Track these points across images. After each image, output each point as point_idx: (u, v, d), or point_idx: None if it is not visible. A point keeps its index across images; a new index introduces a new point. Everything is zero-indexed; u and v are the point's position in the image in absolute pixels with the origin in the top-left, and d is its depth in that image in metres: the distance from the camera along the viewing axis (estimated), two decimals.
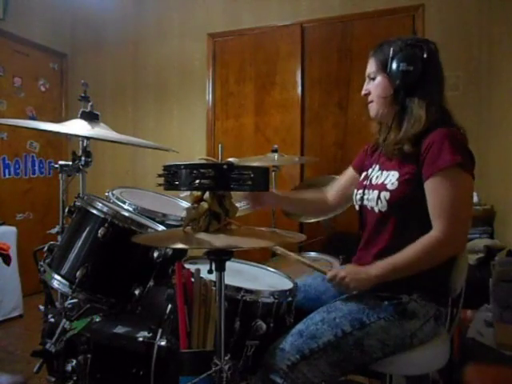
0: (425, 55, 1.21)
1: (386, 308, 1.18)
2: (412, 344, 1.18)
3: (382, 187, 1.24)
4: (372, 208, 1.28)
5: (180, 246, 1.03)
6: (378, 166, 1.33)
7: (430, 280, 1.19)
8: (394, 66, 1.23)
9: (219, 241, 0.96)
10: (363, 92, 1.35)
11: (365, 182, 1.34)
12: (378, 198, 1.24)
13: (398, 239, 1.21)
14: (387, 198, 1.22)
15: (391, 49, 1.24)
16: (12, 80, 3.58)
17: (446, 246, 1.14)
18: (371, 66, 1.32)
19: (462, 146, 1.16)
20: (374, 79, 1.31)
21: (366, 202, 1.32)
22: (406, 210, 1.21)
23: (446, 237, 1.12)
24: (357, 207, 1.39)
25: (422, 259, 1.14)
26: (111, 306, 1.32)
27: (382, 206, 1.23)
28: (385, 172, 1.27)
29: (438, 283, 1.23)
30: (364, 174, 1.39)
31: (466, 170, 1.14)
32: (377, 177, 1.30)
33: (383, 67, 1.27)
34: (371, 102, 1.33)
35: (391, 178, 1.23)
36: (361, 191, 1.35)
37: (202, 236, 0.98)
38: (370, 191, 1.29)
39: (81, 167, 1.67)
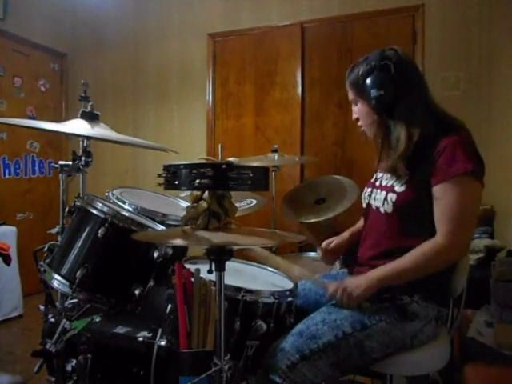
0: (392, 71, 1.19)
1: (387, 309, 1.17)
2: (412, 345, 1.18)
3: (390, 189, 1.24)
4: (378, 208, 1.28)
5: (179, 242, 1.03)
6: None
7: (432, 281, 1.19)
8: (367, 93, 1.23)
9: (218, 238, 0.96)
10: (354, 116, 1.35)
11: (375, 182, 1.34)
12: (385, 199, 1.24)
13: (399, 241, 1.21)
14: (394, 199, 1.21)
15: (359, 74, 1.24)
16: (12, 80, 3.58)
17: (449, 253, 1.14)
18: (350, 93, 1.32)
19: (475, 153, 1.15)
20: (356, 104, 1.32)
21: (372, 201, 1.32)
22: (411, 213, 1.20)
23: (450, 243, 1.11)
24: (364, 205, 1.39)
25: (425, 264, 1.13)
26: (111, 306, 1.32)
27: (387, 207, 1.23)
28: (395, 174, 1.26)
29: (440, 284, 1.23)
30: (376, 174, 1.39)
31: (477, 177, 1.14)
32: (387, 178, 1.29)
33: (360, 94, 1.27)
34: (361, 126, 1.33)
35: (401, 181, 1.22)
36: (369, 190, 1.35)
37: (201, 234, 0.98)
38: (378, 191, 1.29)
39: (81, 167, 1.67)
